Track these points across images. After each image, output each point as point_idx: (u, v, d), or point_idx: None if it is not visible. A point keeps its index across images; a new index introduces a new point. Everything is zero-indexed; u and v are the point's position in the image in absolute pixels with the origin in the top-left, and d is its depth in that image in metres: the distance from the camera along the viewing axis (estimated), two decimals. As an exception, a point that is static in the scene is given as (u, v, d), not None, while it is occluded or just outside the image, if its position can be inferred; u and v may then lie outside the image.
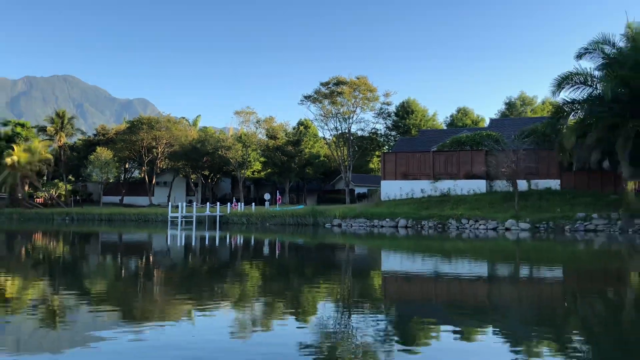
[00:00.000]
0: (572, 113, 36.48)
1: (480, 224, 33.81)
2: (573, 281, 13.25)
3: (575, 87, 34.19)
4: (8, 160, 66.87)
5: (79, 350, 6.29)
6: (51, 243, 25.74)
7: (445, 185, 42.18)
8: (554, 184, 39.96)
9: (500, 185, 40.74)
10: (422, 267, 15.51)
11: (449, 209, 37.49)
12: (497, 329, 7.52)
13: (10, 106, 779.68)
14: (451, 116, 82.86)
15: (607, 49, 33.23)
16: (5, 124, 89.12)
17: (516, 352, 6.28)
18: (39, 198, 72.85)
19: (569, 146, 34.60)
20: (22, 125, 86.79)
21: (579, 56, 34.05)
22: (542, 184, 39.95)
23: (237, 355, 6.07)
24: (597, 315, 8.89)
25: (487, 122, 69.47)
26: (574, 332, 7.62)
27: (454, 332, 7.28)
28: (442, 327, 7.55)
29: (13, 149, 68.96)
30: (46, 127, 79.02)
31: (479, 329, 7.51)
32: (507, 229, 32.30)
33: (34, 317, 8.27)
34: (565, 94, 35.16)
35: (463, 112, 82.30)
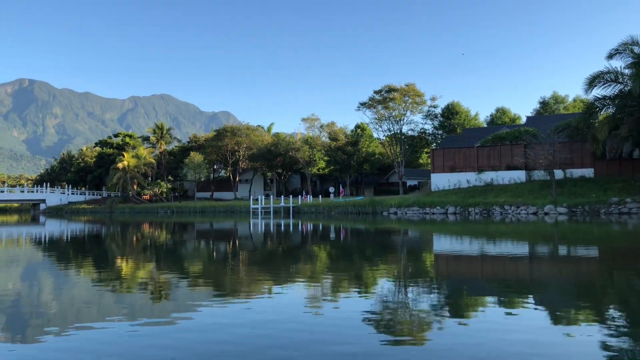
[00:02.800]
0: (604, 108, 34.66)
1: (521, 210, 32.65)
2: (609, 258, 12.60)
3: (607, 84, 32.45)
4: (120, 165, 70.37)
5: (181, 316, 6.58)
6: (157, 231, 26.88)
7: (488, 176, 41.04)
8: (588, 172, 38.09)
9: (538, 174, 39.29)
10: (469, 248, 15.17)
11: (492, 196, 36.42)
12: (539, 301, 7.27)
13: (119, 121, 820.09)
14: (491, 115, 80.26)
15: (636, 49, 31.31)
16: (116, 136, 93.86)
17: (557, 321, 6.07)
18: (145, 195, 76.19)
19: (602, 138, 32.90)
20: (130, 136, 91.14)
21: (610, 56, 32.25)
22: (576, 172, 38.17)
23: (311, 321, 6.18)
24: (631, 289, 8.43)
25: (523, 120, 66.95)
26: (611, 304, 7.27)
27: (499, 304, 7.11)
28: (488, 300, 7.38)
29: (123, 156, 72.47)
30: (149, 137, 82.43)
31: (521, 302, 7.29)
32: (546, 213, 31.03)
33: (145, 291, 8.70)
34: (597, 91, 33.49)
35: (501, 111, 79.51)
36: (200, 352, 4.94)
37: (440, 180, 43.12)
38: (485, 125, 73.29)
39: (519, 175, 39.95)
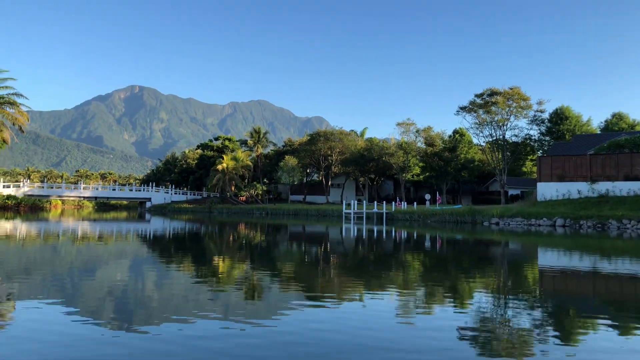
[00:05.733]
0: None
1: (642, 225, 29.79)
2: None
3: None
4: (219, 166, 74.26)
5: (271, 319, 6.76)
6: (252, 232, 27.93)
7: (603, 187, 37.96)
8: None
9: (664, 186, 35.68)
10: (579, 264, 14.08)
11: (607, 209, 33.63)
12: (662, 328, 6.57)
13: (219, 125, 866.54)
14: (605, 121, 74.11)
15: None
16: (216, 139, 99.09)
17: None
18: (242, 196, 79.58)
19: None
20: (229, 140, 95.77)
21: None
22: None
23: (402, 334, 6.07)
24: None
25: (646, 125, 61.14)
26: None
27: (612, 327, 6.52)
28: (600, 322, 6.80)
29: (223, 158, 76.39)
30: (247, 140, 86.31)
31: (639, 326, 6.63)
32: (672, 231, 28.05)
33: (239, 290, 9.06)
34: None
35: (618, 116, 73.09)
36: (289, 353, 5.04)
37: (548, 190, 40.61)
38: (599, 132, 67.89)
39: (640, 187, 36.54)
